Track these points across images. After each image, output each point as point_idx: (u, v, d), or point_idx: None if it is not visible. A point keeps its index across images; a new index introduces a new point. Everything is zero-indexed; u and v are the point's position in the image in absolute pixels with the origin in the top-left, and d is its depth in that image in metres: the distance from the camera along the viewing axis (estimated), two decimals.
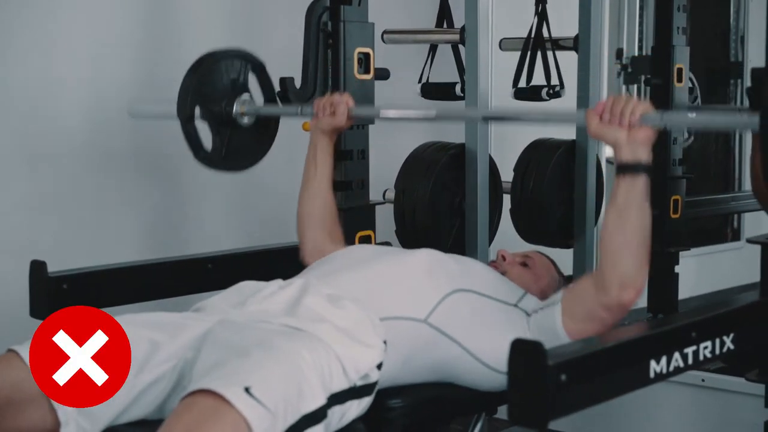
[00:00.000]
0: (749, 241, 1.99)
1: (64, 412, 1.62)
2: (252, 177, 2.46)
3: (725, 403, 2.71)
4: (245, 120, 2.35)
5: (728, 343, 1.64)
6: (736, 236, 4.92)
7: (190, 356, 1.68)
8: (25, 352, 1.65)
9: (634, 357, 1.48)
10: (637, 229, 1.75)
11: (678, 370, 1.54)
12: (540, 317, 1.93)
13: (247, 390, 1.47)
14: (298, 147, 2.35)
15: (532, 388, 1.34)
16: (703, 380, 2.75)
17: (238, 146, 2.37)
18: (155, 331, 1.72)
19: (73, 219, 2.78)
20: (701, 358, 1.58)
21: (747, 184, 4.96)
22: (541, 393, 1.33)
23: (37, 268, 2.05)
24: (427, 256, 1.99)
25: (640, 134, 1.72)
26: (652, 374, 1.49)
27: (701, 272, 4.41)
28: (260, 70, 2.42)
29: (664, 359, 1.50)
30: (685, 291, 3.33)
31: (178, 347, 1.70)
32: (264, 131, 2.42)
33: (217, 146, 2.34)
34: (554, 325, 1.87)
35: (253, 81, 2.41)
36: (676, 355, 1.53)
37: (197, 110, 2.28)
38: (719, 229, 4.99)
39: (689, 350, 1.56)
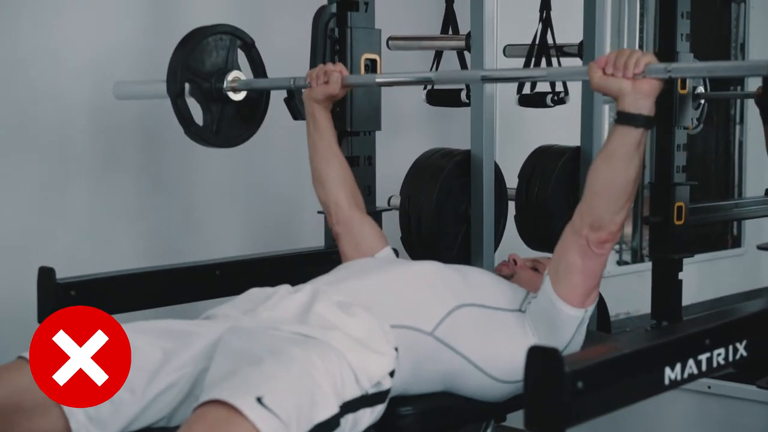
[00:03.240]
0: (760, 247, 2.00)
1: (76, 420, 1.61)
2: (258, 183, 2.46)
3: (732, 410, 2.71)
4: (235, 95, 2.36)
5: (741, 349, 1.63)
6: (736, 243, 4.93)
7: (203, 365, 1.67)
8: None
9: (649, 364, 1.47)
10: (620, 177, 1.74)
11: (692, 377, 1.54)
12: (534, 302, 1.92)
13: (259, 400, 1.46)
14: (303, 153, 2.34)
15: (549, 395, 1.33)
16: (709, 387, 2.74)
17: (230, 121, 2.38)
18: (167, 340, 1.72)
19: (81, 225, 2.78)
20: (714, 365, 1.58)
21: (747, 192, 4.98)
22: (557, 400, 1.32)
23: (46, 274, 2.04)
24: (432, 268, 1.98)
25: (644, 85, 1.69)
26: (666, 381, 1.48)
27: (703, 279, 4.41)
28: (249, 47, 2.43)
29: (678, 366, 1.50)
30: (687, 298, 3.33)
31: (191, 356, 1.70)
32: (255, 106, 2.43)
33: (207, 122, 2.35)
34: (548, 299, 1.86)
35: (242, 58, 2.41)
36: (690, 362, 1.53)
37: (187, 87, 2.29)
38: (720, 236, 5.00)
39: (703, 357, 1.55)
